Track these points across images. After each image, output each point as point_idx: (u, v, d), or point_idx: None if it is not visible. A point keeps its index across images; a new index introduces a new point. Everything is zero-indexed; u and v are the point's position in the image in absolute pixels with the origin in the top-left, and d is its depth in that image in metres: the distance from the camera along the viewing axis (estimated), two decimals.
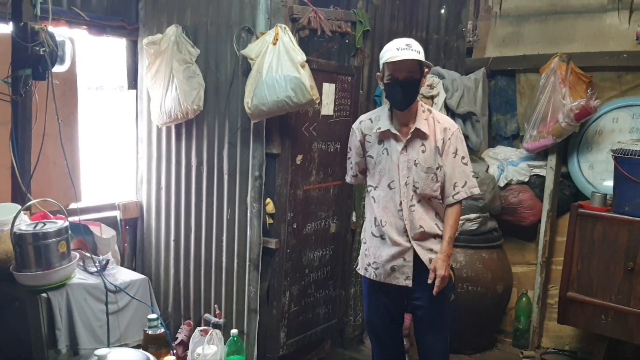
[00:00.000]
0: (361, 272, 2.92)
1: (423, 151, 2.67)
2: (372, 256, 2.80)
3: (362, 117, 2.86)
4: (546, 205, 4.18)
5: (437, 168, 2.68)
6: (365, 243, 2.89)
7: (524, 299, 4.29)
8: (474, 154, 4.37)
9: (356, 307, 4.13)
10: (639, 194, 3.42)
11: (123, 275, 3.04)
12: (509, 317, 4.41)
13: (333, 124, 3.62)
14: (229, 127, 3.41)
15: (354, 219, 3.97)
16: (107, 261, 2.87)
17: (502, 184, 4.24)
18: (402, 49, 2.54)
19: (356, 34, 3.67)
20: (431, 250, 2.71)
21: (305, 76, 3.02)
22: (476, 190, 2.74)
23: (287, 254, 3.43)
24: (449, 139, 2.69)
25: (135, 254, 4.04)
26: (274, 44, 3.06)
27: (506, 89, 4.51)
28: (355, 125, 2.86)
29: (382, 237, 2.76)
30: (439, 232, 2.73)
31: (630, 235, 3.47)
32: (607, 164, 3.97)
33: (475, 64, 4.54)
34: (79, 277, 2.87)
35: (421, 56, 2.56)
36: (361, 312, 4.15)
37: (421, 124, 2.67)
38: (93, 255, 2.90)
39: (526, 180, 4.24)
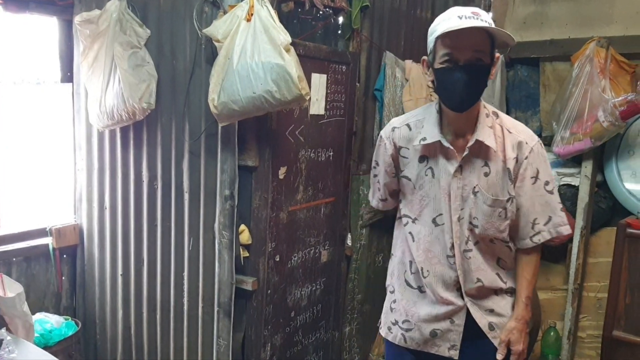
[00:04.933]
0: (382, 332, 2.14)
1: (486, 174, 1.85)
2: (404, 313, 2.02)
3: (396, 122, 2.01)
4: (579, 222, 3.46)
5: (508, 200, 1.86)
6: (392, 292, 2.10)
7: (552, 333, 3.58)
8: None
9: (352, 349, 3.37)
10: None
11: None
12: (532, 354, 3.69)
13: (324, 125, 2.85)
14: (190, 132, 2.62)
15: (349, 242, 3.21)
16: (1, 341, 1.93)
17: None
18: (467, 17, 1.69)
19: (353, 10, 2.89)
20: (492, 311, 1.94)
21: (292, 63, 2.24)
22: (565, 230, 1.91)
23: (267, 295, 2.65)
24: (526, 157, 1.85)
25: (75, 290, 3.21)
26: (248, 20, 2.30)
27: (527, 81, 3.78)
28: (384, 133, 2.01)
29: (420, 289, 1.98)
30: (503, 286, 1.96)
31: None
32: None
33: None
34: None
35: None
36: (358, 354, 3.40)
37: (484, 134, 1.82)
38: None
39: None
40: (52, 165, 3.18)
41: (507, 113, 3.81)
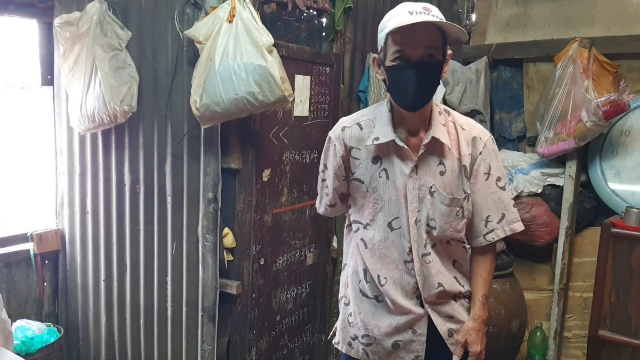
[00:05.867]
0: (342, 348, 2.01)
1: (442, 173, 1.77)
2: (362, 327, 1.90)
3: (345, 121, 1.87)
4: (564, 222, 3.47)
5: (465, 198, 1.79)
6: (347, 305, 1.97)
7: (538, 333, 3.57)
8: None
9: (338, 353, 3.34)
10: None
11: None
12: (519, 355, 3.69)
13: (308, 127, 2.83)
14: (172, 134, 2.59)
15: (335, 244, 3.19)
16: None
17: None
18: (418, 13, 1.62)
19: (336, 11, 2.88)
20: (451, 318, 1.86)
21: (274, 65, 2.23)
22: (518, 227, 1.85)
23: (252, 299, 2.63)
24: (480, 153, 1.80)
25: (57, 296, 3.16)
26: (230, 21, 2.29)
27: (511, 82, 3.78)
28: (334, 134, 1.87)
29: (377, 298, 1.87)
30: (461, 290, 1.87)
31: None
32: (637, 170, 3.34)
33: (474, 52, 3.78)
34: None
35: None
36: None
37: (439, 131, 1.75)
38: None
39: (539, 191, 3.52)
40: (33, 170, 3.13)
41: (491, 114, 3.83)
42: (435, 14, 1.63)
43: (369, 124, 1.82)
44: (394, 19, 1.65)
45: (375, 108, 1.87)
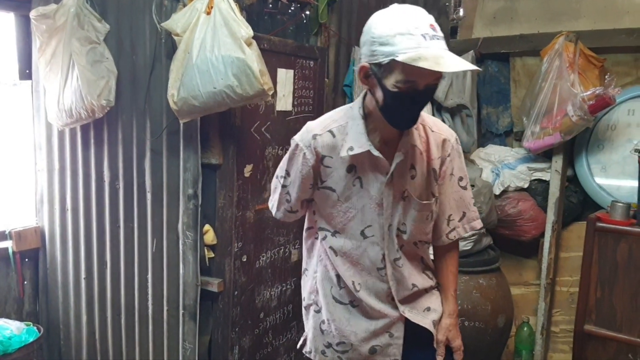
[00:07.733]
0: (314, 357, 1.94)
1: (413, 177, 1.72)
2: (337, 334, 1.86)
3: (316, 128, 1.72)
4: (551, 217, 3.45)
5: (434, 202, 1.78)
6: (319, 312, 1.91)
7: (525, 328, 3.56)
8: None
9: None
10: None
11: None
12: (506, 350, 3.67)
13: (292, 122, 2.78)
14: (151, 129, 2.55)
15: None
16: None
17: (497, 192, 3.48)
18: (431, 37, 1.46)
19: (320, 4, 2.84)
20: (429, 309, 1.85)
21: (253, 57, 2.18)
22: (478, 224, 1.88)
23: (234, 296, 2.59)
24: (449, 155, 1.76)
25: (37, 295, 3.11)
26: (208, 13, 2.24)
27: (498, 77, 3.75)
28: (303, 142, 1.72)
29: (352, 304, 1.84)
30: (432, 283, 1.88)
31: None
32: (623, 165, 3.32)
33: (461, 46, 3.75)
34: None
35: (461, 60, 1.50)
36: None
37: (414, 136, 1.70)
38: None
39: (526, 186, 3.50)
40: (12, 166, 3.07)
41: (479, 109, 3.80)
42: (440, 34, 1.49)
43: (341, 130, 1.71)
44: (405, 41, 1.44)
45: (346, 112, 1.75)
